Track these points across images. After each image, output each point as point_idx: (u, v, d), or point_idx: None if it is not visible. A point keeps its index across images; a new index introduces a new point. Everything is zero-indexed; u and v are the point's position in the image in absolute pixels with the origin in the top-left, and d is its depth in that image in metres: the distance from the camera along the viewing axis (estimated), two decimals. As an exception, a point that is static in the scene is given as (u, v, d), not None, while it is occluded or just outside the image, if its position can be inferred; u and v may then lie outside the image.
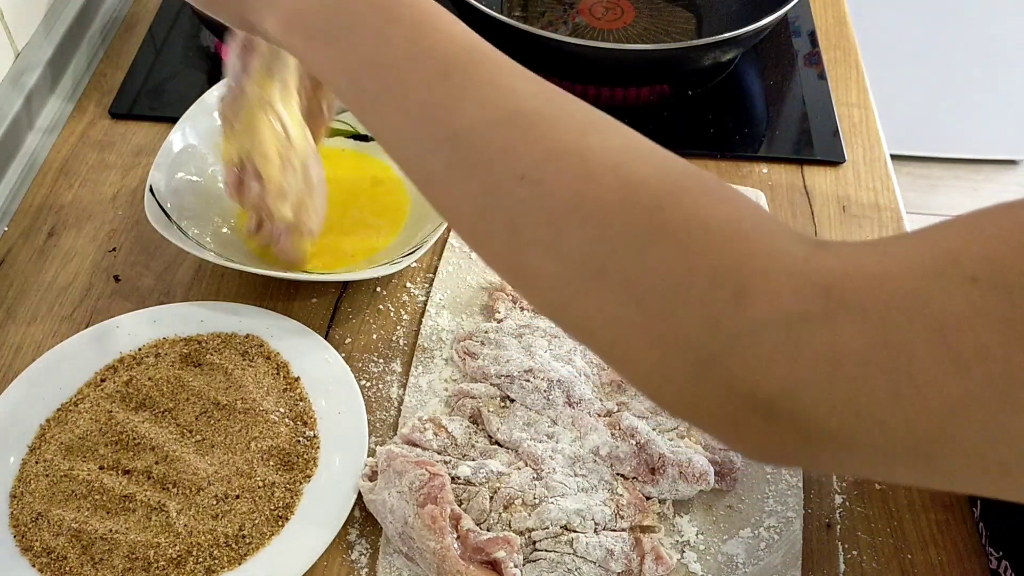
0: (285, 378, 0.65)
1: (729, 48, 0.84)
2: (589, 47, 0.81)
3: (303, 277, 0.69)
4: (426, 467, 0.56)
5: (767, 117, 0.89)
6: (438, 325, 0.69)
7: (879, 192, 0.82)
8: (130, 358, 0.65)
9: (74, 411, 0.62)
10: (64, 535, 0.56)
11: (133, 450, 0.60)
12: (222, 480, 0.58)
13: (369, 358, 0.67)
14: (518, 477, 0.57)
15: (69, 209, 0.77)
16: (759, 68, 0.94)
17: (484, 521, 0.56)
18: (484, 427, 0.61)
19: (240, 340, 0.66)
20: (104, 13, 0.95)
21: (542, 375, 0.62)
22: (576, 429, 0.61)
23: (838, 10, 1.01)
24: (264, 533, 0.57)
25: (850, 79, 0.93)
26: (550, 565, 0.54)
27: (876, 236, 0.78)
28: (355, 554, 0.57)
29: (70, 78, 0.89)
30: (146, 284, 0.72)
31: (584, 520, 0.56)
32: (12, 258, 0.74)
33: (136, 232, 0.76)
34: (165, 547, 0.55)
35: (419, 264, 0.73)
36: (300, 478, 0.59)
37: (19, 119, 0.81)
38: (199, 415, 0.62)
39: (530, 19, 0.94)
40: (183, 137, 0.74)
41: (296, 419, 0.62)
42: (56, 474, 0.58)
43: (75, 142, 0.83)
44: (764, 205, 0.78)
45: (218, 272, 0.72)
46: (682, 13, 0.96)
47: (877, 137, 0.87)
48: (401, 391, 0.65)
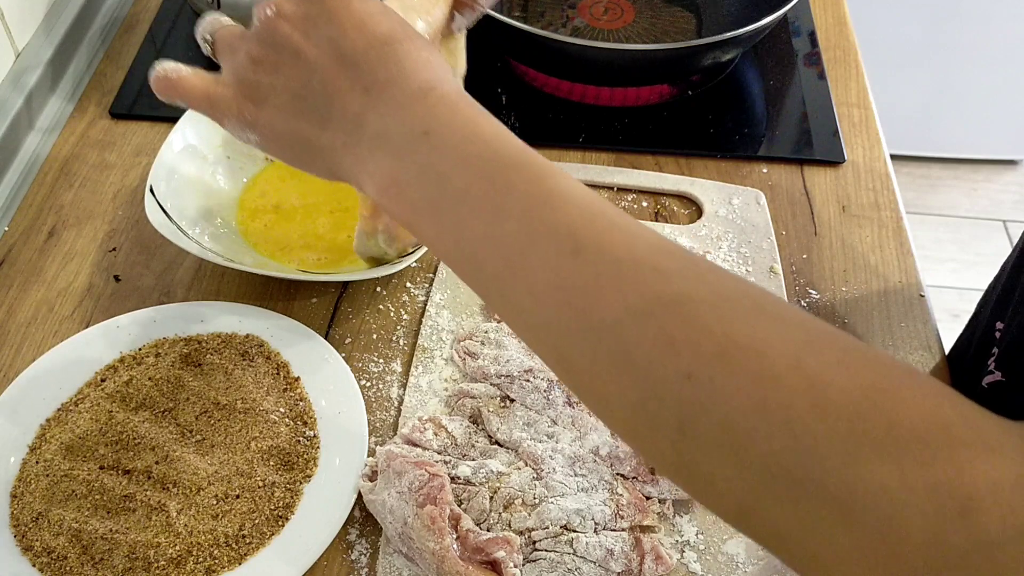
0: (285, 378, 0.65)
1: (729, 48, 0.84)
2: (589, 47, 0.81)
3: (303, 277, 0.69)
4: (426, 467, 0.56)
5: (767, 117, 0.89)
6: (438, 325, 0.69)
7: (879, 192, 0.82)
8: (130, 358, 0.65)
9: (74, 411, 0.62)
10: (64, 535, 0.56)
11: (133, 450, 0.60)
12: (222, 480, 0.59)
13: (369, 358, 0.67)
14: (518, 477, 0.57)
15: (69, 209, 0.77)
16: (759, 68, 0.94)
17: (484, 521, 0.56)
18: (484, 427, 0.61)
19: (240, 340, 0.66)
20: (104, 13, 0.95)
21: (542, 375, 0.62)
22: (576, 429, 0.61)
23: (838, 10, 1.01)
24: (264, 533, 0.57)
25: (850, 79, 0.93)
26: (550, 565, 0.54)
27: (876, 236, 0.78)
28: (355, 554, 0.57)
29: (70, 78, 0.89)
30: (146, 284, 0.72)
31: (584, 520, 0.56)
32: (12, 258, 0.74)
33: (136, 232, 0.76)
34: (165, 547, 0.55)
35: (419, 264, 0.74)
36: (300, 478, 0.59)
37: (19, 119, 0.81)
38: (199, 415, 0.62)
39: (530, 19, 0.94)
40: (183, 137, 0.74)
41: (296, 419, 0.62)
42: (56, 474, 0.58)
43: (75, 142, 0.83)
44: (764, 205, 0.78)
45: (218, 272, 0.72)
46: (682, 13, 0.96)
47: (877, 137, 0.87)
48: (401, 391, 0.65)
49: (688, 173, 0.82)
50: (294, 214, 0.75)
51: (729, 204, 0.79)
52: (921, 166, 2.20)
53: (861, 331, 0.71)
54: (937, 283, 1.99)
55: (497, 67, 0.92)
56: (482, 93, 0.65)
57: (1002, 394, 0.56)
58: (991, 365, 0.58)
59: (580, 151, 0.84)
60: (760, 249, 0.75)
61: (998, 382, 0.57)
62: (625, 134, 0.86)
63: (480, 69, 0.64)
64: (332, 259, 0.72)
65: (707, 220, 0.77)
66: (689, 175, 0.82)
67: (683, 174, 0.82)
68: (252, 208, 0.75)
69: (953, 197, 2.17)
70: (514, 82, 0.91)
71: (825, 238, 0.78)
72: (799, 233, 0.78)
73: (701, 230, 0.76)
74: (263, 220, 0.74)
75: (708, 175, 0.82)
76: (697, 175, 0.82)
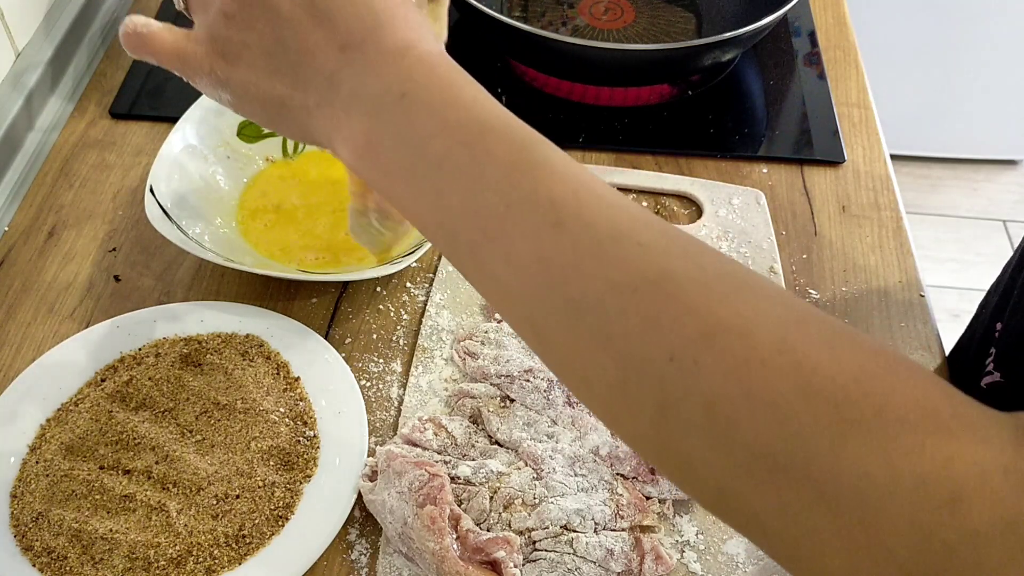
0: (285, 378, 0.65)
1: (729, 48, 0.84)
2: (589, 47, 0.81)
3: (303, 277, 0.69)
4: (425, 468, 0.56)
5: (767, 117, 0.89)
6: (438, 325, 0.69)
7: (879, 192, 0.82)
8: (130, 358, 0.65)
9: (74, 411, 0.62)
10: (64, 535, 0.56)
11: (133, 450, 0.60)
12: (222, 480, 0.58)
13: (369, 358, 0.67)
14: (518, 477, 0.57)
15: (69, 209, 0.77)
16: (759, 68, 0.94)
17: (484, 521, 0.56)
18: (484, 427, 0.61)
19: (240, 340, 0.66)
20: (104, 13, 0.95)
21: (542, 375, 0.62)
22: (576, 429, 0.61)
23: (838, 10, 1.01)
24: (264, 533, 0.57)
25: (850, 79, 0.93)
26: (550, 565, 0.54)
27: (876, 236, 0.78)
28: (355, 554, 0.57)
29: (70, 78, 0.88)
30: (146, 284, 0.72)
31: (584, 520, 0.56)
32: (12, 258, 0.74)
33: (136, 232, 0.76)
34: (165, 547, 0.55)
35: (419, 264, 0.74)
36: (300, 478, 0.59)
37: (19, 119, 0.81)
38: (199, 415, 0.62)
39: (530, 19, 0.94)
40: (183, 137, 0.74)
41: (296, 419, 0.62)
42: (56, 474, 0.58)
43: (75, 142, 0.83)
44: (764, 205, 0.78)
45: (218, 272, 0.72)
46: (682, 13, 0.96)
47: (877, 137, 0.87)
48: (401, 391, 0.65)
49: (688, 173, 0.82)
50: (294, 214, 0.75)
51: (729, 204, 0.79)
52: (921, 166, 2.20)
53: (861, 331, 0.70)
54: (937, 283, 1.99)
55: (497, 67, 0.92)
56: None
57: (1001, 395, 0.56)
58: (990, 366, 0.58)
59: (580, 151, 0.84)
60: (760, 249, 0.75)
61: (997, 383, 0.57)
62: (625, 134, 0.86)
63: (480, 69, 0.64)
64: (332, 259, 0.72)
65: (707, 220, 0.77)
66: (689, 175, 0.82)
67: (683, 174, 0.82)
68: (252, 208, 0.75)
69: (953, 197, 2.17)
70: (514, 82, 0.91)
71: (825, 238, 0.78)
72: (799, 233, 0.78)
73: (701, 230, 0.77)
74: (263, 220, 0.74)
75: (708, 175, 0.82)
76: (697, 175, 0.82)
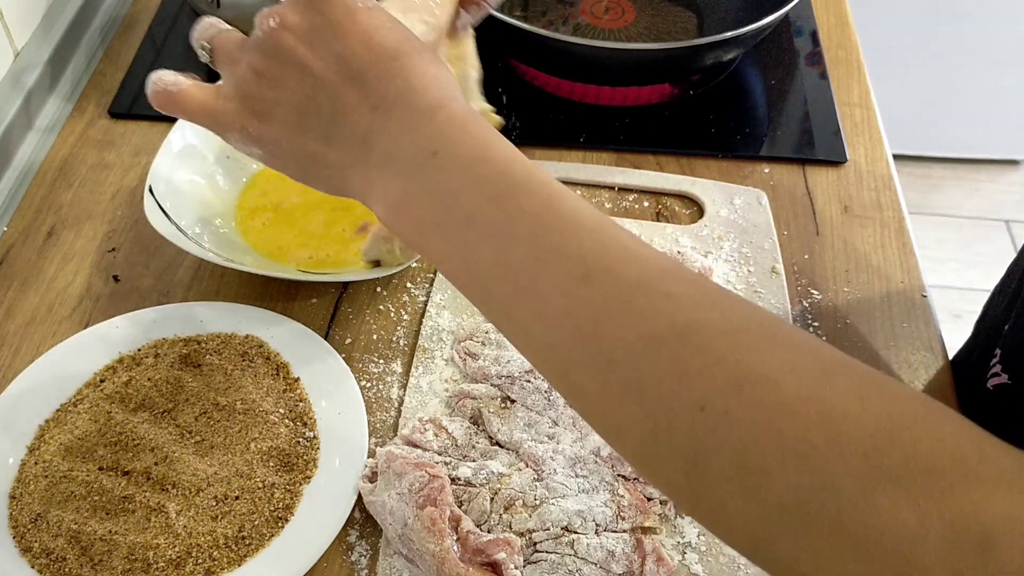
0: (285, 379, 0.64)
1: (730, 48, 0.83)
2: (590, 47, 0.81)
3: (303, 277, 0.69)
4: (426, 469, 0.56)
5: (768, 117, 0.89)
6: (438, 325, 0.68)
7: (881, 192, 0.82)
8: (129, 359, 0.65)
9: (73, 412, 0.62)
10: (63, 536, 0.56)
11: (132, 451, 0.59)
12: (222, 481, 0.58)
13: (369, 358, 0.67)
14: (519, 478, 0.57)
15: (69, 209, 0.77)
16: (760, 68, 0.94)
17: (484, 522, 0.56)
18: (485, 428, 0.61)
19: (240, 340, 0.66)
20: (104, 13, 0.95)
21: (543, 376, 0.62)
22: (577, 430, 0.60)
23: (840, 10, 1.01)
24: (264, 534, 0.57)
25: (852, 79, 0.93)
26: (551, 567, 0.54)
27: (878, 236, 0.77)
28: (355, 555, 0.57)
29: (69, 78, 0.88)
30: (146, 284, 0.72)
31: (585, 521, 0.55)
32: (12, 258, 0.74)
33: (136, 232, 0.75)
34: (164, 548, 0.55)
35: (419, 264, 0.73)
36: (300, 479, 0.59)
37: (18, 119, 0.81)
38: (198, 416, 0.62)
39: (530, 19, 0.94)
40: (183, 137, 0.74)
41: (296, 420, 0.62)
42: (55, 475, 0.58)
43: (74, 142, 0.83)
44: (766, 205, 0.78)
45: (218, 272, 0.72)
46: (683, 13, 0.96)
47: (879, 137, 0.87)
48: (401, 392, 0.65)
49: (689, 173, 0.82)
50: (294, 214, 0.75)
51: (731, 204, 0.78)
52: (923, 166, 2.20)
53: (863, 331, 0.70)
54: (939, 283, 1.99)
55: (498, 67, 0.92)
56: (483, 93, 0.65)
57: (1008, 396, 0.56)
58: (996, 367, 0.58)
59: (581, 151, 0.84)
60: (762, 249, 0.75)
61: (1004, 384, 0.57)
62: (626, 134, 0.85)
63: (481, 69, 0.64)
64: (332, 259, 0.72)
65: (708, 220, 0.77)
66: (690, 175, 0.81)
67: (684, 174, 0.82)
68: (252, 208, 0.75)
69: (955, 197, 2.17)
70: (515, 82, 0.91)
71: (827, 238, 0.77)
72: (801, 233, 0.78)
73: (703, 230, 0.76)
74: (263, 220, 0.74)
75: (710, 175, 0.82)
76: (699, 175, 0.82)
